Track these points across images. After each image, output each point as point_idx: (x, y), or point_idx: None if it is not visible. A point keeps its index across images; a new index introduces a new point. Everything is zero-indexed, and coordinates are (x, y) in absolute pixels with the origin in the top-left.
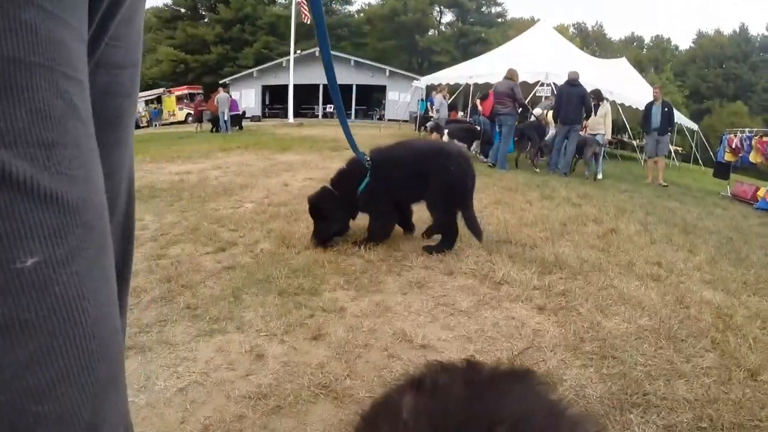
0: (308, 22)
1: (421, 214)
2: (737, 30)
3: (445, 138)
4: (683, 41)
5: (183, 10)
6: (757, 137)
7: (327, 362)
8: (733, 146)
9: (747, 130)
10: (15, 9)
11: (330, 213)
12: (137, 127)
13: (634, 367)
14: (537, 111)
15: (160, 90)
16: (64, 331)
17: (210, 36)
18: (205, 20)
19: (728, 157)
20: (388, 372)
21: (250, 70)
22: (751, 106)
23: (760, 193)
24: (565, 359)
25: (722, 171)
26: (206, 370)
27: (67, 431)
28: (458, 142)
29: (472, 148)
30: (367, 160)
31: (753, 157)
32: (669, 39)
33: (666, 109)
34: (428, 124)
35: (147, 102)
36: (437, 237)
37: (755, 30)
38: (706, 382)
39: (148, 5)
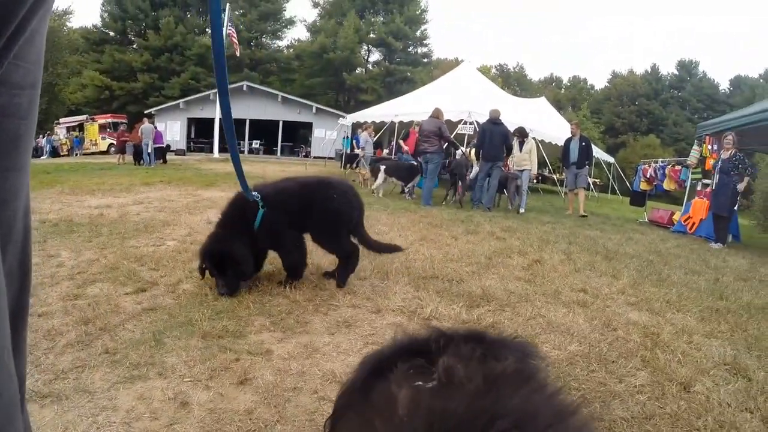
0: (238, 55)
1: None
2: (649, 69)
3: (381, 176)
4: (599, 81)
5: (112, 34)
6: (670, 166)
7: (255, 408)
8: (648, 176)
9: (660, 160)
10: None
11: (232, 257)
12: (57, 155)
13: (568, 392)
14: (461, 151)
15: (83, 117)
16: None
17: (137, 63)
18: (134, 46)
19: (644, 186)
20: (320, 415)
21: (177, 101)
22: (663, 139)
23: (676, 217)
24: None
25: (639, 199)
26: (128, 419)
27: None
28: (396, 180)
29: (408, 186)
30: (254, 194)
31: (667, 185)
32: (585, 79)
33: (584, 143)
34: (358, 161)
35: (68, 129)
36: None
37: (665, 69)
38: (640, 399)
39: (77, 25)
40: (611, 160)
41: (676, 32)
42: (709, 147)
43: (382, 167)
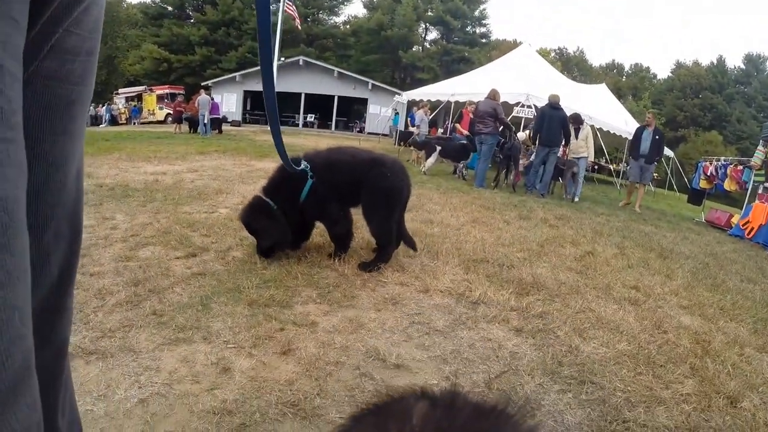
0: (300, 28)
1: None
2: (714, 62)
3: (434, 156)
4: (662, 70)
5: (170, 8)
6: (732, 166)
7: (296, 379)
8: (708, 174)
9: (722, 158)
10: None
11: (268, 224)
12: (115, 123)
13: (613, 393)
14: (521, 135)
15: (141, 88)
16: None
17: (195, 37)
18: (191, 21)
19: (703, 184)
20: (360, 392)
21: (233, 74)
22: (725, 136)
23: (734, 219)
24: (543, 384)
25: (697, 197)
26: (169, 381)
27: None
28: (450, 161)
29: (460, 167)
30: (303, 164)
31: (728, 185)
32: (648, 68)
33: (657, 137)
34: (412, 140)
35: (127, 99)
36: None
37: (732, 62)
38: (686, 409)
39: (135, 0)
40: (671, 154)
41: (746, 24)
42: None
43: (438, 147)
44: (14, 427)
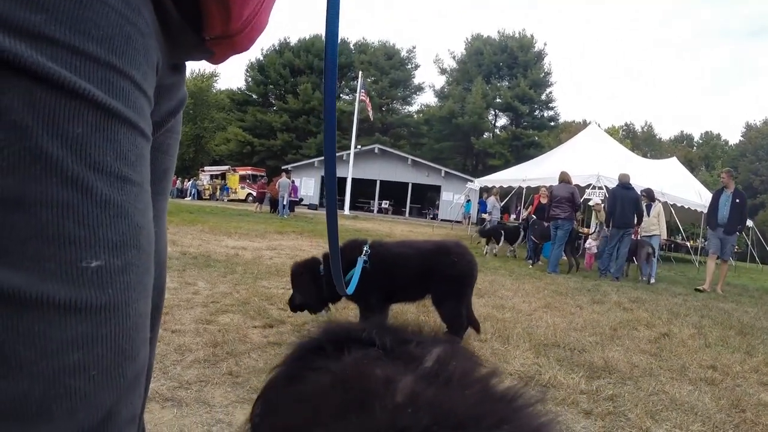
0: (372, 119)
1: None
2: None
3: (501, 241)
4: (732, 135)
5: (255, 96)
6: None
7: None
8: None
9: None
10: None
11: (306, 283)
12: (200, 198)
13: None
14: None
15: (225, 167)
16: (108, 325)
17: (277, 123)
18: (274, 108)
19: None
20: None
21: (312, 160)
22: None
23: None
24: None
25: None
26: None
27: (88, 411)
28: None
29: (513, 246)
30: (365, 250)
31: None
32: (719, 134)
33: (738, 200)
34: (484, 226)
35: (212, 176)
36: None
37: None
38: None
39: (224, 87)
40: (750, 223)
41: None
42: None
43: (502, 232)
44: (131, 409)
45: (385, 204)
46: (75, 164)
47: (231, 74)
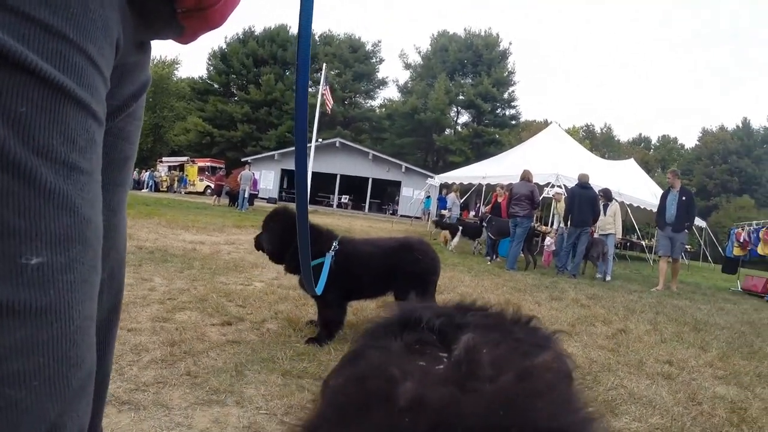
0: (329, 112)
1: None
2: (740, 125)
3: (458, 237)
4: (689, 139)
5: (216, 86)
6: (764, 229)
7: None
8: (741, 240)
9: (754, 223)
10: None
11: (277, 232)
12: (157, 190)
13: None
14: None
15: (184, 158)
16: (50, 330)
17: (238, 114)
18: (235, 98)
19: (737, 251)
20: None
21: (272, 153)
22: (757, 199)
23: None
24: None
25: (731, 266)
26: None
27: (31, 423)
28: (468, 239)
29: (475, 243)
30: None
31: (761, 249)
32: (675, 138)
33: (684, 198)
34: (438, 220)
35: (170, 167)
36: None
37: (757, 123)
38: None
39: (185, 75)
40: (703, 224)
41: None
42: None
43: (460, 228)
44: (77, 421)
45: (344, 199)
46: (17, 147)
47: (192, 62)
